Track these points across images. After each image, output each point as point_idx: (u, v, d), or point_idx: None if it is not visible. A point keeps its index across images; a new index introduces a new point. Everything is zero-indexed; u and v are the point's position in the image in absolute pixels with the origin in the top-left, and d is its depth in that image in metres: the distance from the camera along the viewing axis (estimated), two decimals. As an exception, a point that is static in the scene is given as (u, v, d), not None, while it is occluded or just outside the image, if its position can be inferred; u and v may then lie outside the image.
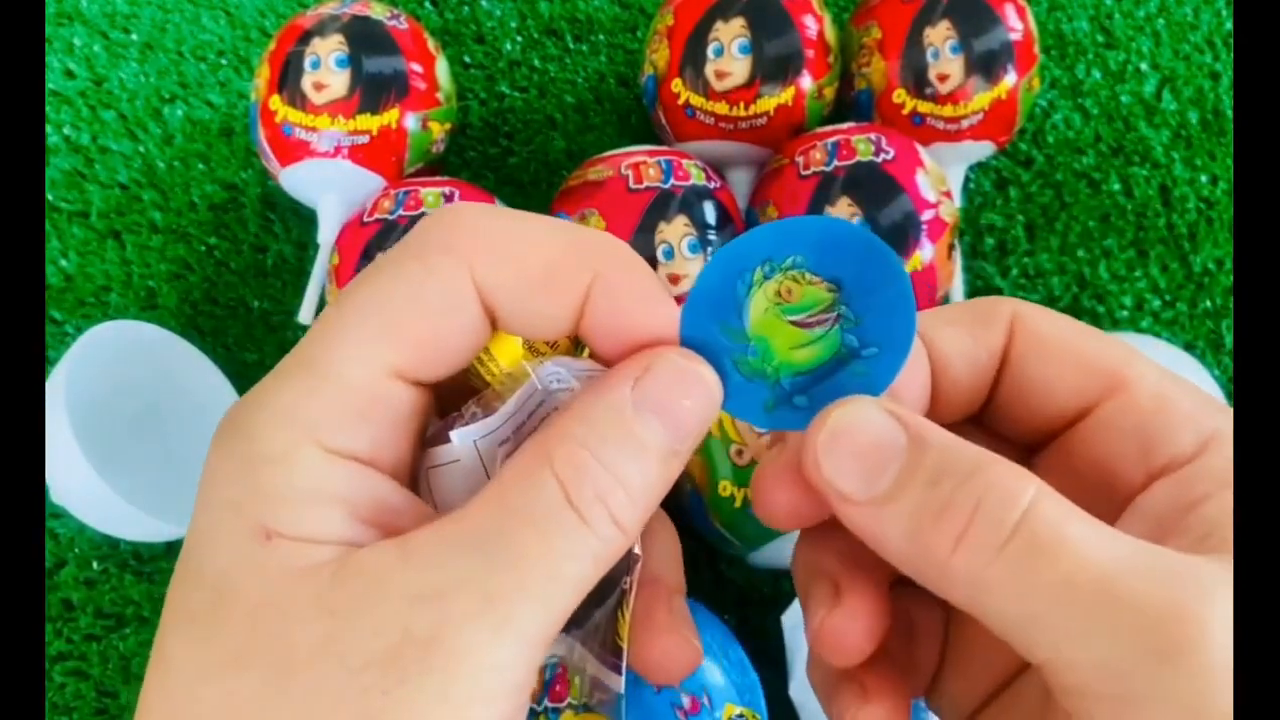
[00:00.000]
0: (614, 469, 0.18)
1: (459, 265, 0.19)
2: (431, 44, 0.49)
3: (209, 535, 0.18)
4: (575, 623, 0.21)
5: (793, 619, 0.40)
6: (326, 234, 0.47)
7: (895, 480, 0.18)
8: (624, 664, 0.20)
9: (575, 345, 0.21)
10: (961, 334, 0.22)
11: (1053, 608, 0.17)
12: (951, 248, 0.45)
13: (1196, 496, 0.19)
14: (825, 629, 0.20)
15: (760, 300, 0.20)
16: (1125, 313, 0.49)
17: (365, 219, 0.45)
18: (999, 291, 0.50)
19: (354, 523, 0.18)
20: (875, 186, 0.43)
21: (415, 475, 0.20)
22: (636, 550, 0.20)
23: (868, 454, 0.19)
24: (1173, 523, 0.19)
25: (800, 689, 0.39)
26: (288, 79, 0.46)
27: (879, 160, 0.44)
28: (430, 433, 0.21)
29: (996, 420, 0.23)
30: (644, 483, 0.19)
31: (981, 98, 0.47)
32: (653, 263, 0.43)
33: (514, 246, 0.19)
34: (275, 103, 0.46)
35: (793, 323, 0.20)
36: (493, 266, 0.19)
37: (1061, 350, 0.21)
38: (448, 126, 0.50)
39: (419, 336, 0.19)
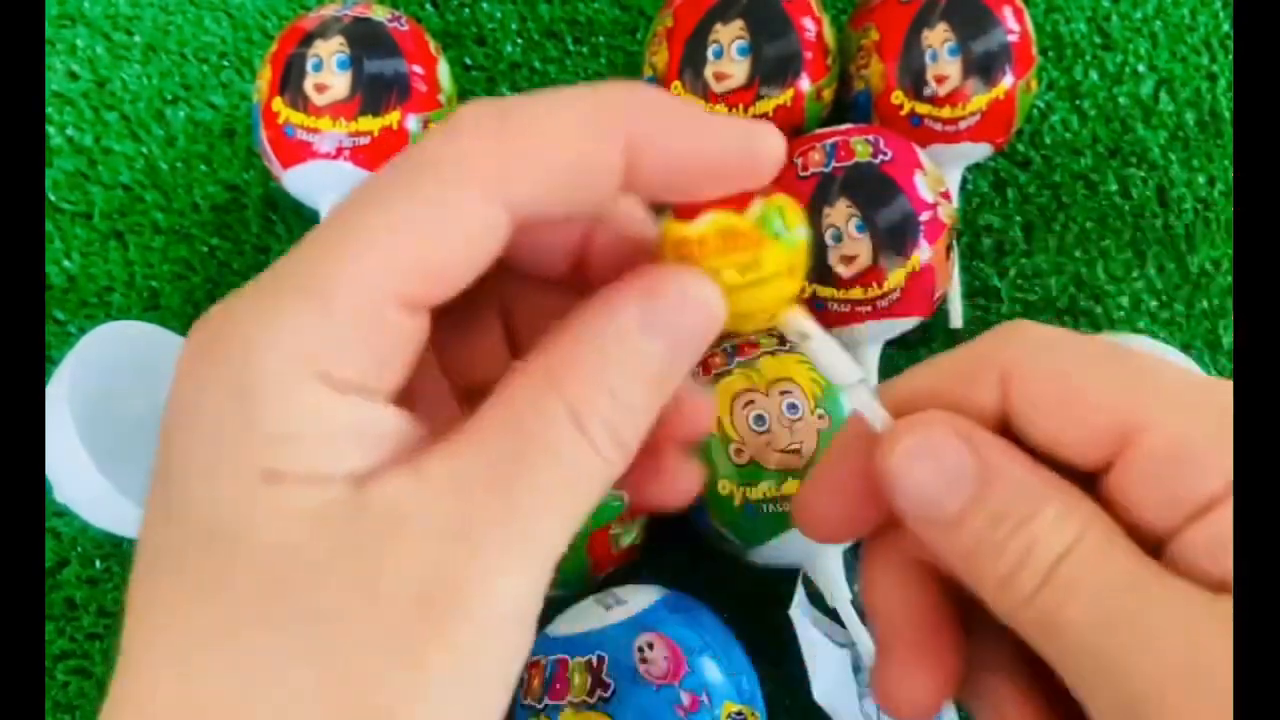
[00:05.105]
0: (621, 397, 0.18)
1: (474, 187, 0.18)
2: (433, 46, 0.50)
3: (200, 475, 0.17)
4: None
5: (799, 610, 0.40)
6: (328, 235, 0.48)
7: (961, 510, 0.19)
8: None
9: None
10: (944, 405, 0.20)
11: (1065, 656, 0.18)
12: (949, 248, 0.45)
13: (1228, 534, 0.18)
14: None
15: None
16: (1122, 313, 0.50)
17: (366, 220, 0.45)
18: (996, 292, 0.50)
19: (361, 458, 0.17)
20: (873, 187, 0.43)
21: (413, 400, 0.20)
22: None
23: (939, 479, 0.19)
24: (1212, 561, 0.18)
25: (823, 694, 0.39)
26: (289, 81, 0.46)
27: (877, 161, 0.44)
28: None
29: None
30: (647, 407, 0.19)
31: (979, 99, 0.47)
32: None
33: (534, 150, 0.18)
34: (277, 104, 0.47)
35: None
36: (515, 184, 0.18)
37: (1061, 409, 0.19)
38: (448, 128, 0.50)
39: (427, 266, 0.18)
